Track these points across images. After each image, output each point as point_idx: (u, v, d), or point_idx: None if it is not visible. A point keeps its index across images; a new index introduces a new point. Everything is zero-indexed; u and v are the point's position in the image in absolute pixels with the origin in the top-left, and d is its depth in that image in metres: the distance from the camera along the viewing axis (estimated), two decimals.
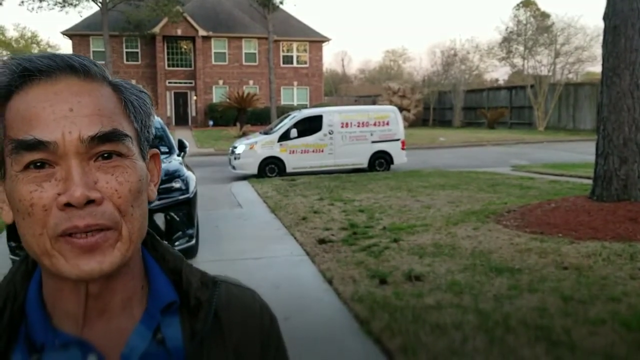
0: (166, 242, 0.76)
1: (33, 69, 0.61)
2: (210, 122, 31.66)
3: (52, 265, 0.60)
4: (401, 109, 29.37)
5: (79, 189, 0.58)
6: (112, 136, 0.61)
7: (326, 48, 75.56)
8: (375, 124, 13.74)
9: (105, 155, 0.61)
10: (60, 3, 28.92)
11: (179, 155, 6.89)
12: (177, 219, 5.66)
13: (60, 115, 0.59)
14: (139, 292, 0.69)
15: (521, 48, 34.03)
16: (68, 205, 0.58)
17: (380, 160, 13.91)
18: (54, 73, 0.61)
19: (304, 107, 28.46)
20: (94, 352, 0.64)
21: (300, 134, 13.26)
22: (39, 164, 0.59)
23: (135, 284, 0.69)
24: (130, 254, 0.63)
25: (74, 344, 0.64)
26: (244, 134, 21.84)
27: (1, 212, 0.65)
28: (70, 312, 0.65)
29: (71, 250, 0.59)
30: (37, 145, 0.59)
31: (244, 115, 28.12)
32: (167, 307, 0.68)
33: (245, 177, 12.92)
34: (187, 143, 7.36)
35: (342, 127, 13.54)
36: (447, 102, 38.41)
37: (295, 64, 35.84)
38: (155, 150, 0.72)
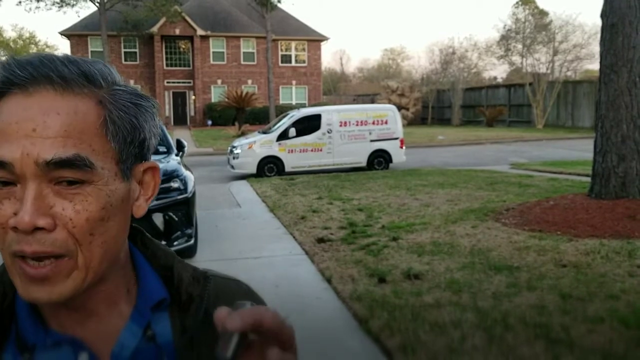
0: (159, 241, 0.75)
1: (16, 80, 0.58)
2: (209, 122, 31.67)
3: (12, 280, 0.60)
4: (400, 107, 29.41)
5: (26, 215, 0.55)
6: (71, 163, 0.57)
7: (324, 47, 75.66)
8: (374, 123, 13.72)
9: (70, 179, 0.57)
10: (57, 3, 28.94)
11: (177, 155, 6.89)
12: (176, 218, 5.66)
13: (22, 134, 0.56)
14: (126, 292, 0.69)
15: (519, 46, 34.09)
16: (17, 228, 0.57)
17: (379, 159, 13.88)
18: (29, 85, 0.57)
19: (303, 106, 28.45)
20: (85, 350, 0.64)
21: (299, 133, 13.22)
22: (3, 180, 0.57)
23: (121, 285, 0.68)
24: (90, 281, 0.61)
25: (66, 342, 0.64)
26: (243, 134, 21.83)
27: None
28: (59, 313, 0.65)
29: (23, 277, 0.58)
30: None
31: (243, 114, 28.11)
32: (158, 304, 0.68)
33: (244, 177, 12.91)
34: (185, 143, 7.37)
35: (340, 126, 13.52)
36: (446, 101, 38.42)
37: (293, 63, 35.83)
38: (154, 163, 0.68)
